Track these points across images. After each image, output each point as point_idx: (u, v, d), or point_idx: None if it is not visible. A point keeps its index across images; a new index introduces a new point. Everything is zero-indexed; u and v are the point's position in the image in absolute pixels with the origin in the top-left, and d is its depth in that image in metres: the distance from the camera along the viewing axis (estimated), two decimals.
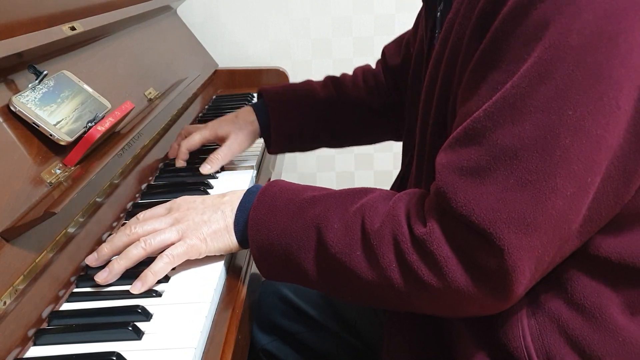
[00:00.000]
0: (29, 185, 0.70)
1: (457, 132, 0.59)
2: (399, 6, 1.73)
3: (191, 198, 0.75)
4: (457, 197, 0.57)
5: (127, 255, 0.69)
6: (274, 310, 0.96)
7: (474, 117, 0.57)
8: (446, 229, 0.58)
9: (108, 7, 1.08)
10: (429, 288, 0.60)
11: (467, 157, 0.57)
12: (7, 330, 0.59)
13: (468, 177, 0.56)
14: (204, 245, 0.70)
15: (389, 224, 0.62)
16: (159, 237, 0.70)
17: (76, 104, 0.84)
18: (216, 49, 1.71)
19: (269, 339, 0.95)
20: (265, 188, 0.71)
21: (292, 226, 0.66)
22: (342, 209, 0.65)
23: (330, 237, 0.64)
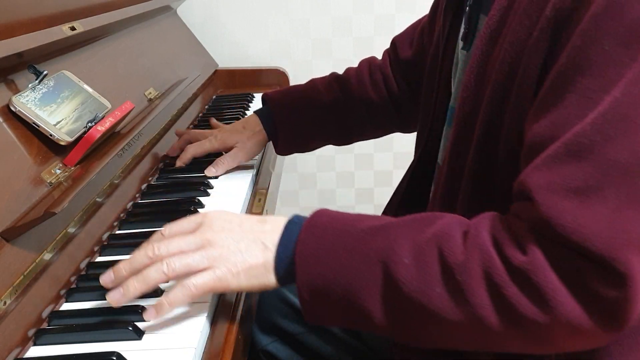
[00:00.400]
0: (29, 185, 0.70)
1: (555, 150, 0.51)
2: (399, 6, 1.73)
3: (226, 215, 0.65)
4: (565, 221, 0.50)
5: (145, 278, 0.60)
6: (275, 311, 0.95)
7: (578, 131, 0.50)
8: (552, 256, 0.51)
9: (108, 7, 1.08)
10: (531, 324, 0.52)
11: (572, 176, 0.50)
12: (7, 330, 0.59)
13: (575, 198, 0.50)
14: (235, 280, 0.61)
15: (476, 254, 0.54)
16: (184, 261, 0.60)
17: (76, 104, 0.84)
18: (216, 49, 1.71)
19: (269, 340, 0.94)
20: (312, 218, 0.61)
21: (352, 262, 0.57)
22: (411, 240, 0.56)
23: (402, 273, 0.55)
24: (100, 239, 0.80)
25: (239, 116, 1.36)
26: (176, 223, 0.65)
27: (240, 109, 1.42)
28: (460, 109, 0.65)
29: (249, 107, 1.48)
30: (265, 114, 1.08)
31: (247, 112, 1.43)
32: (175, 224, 0.65)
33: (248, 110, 1.45)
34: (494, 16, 0.61)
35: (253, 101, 1.53)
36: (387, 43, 1.76)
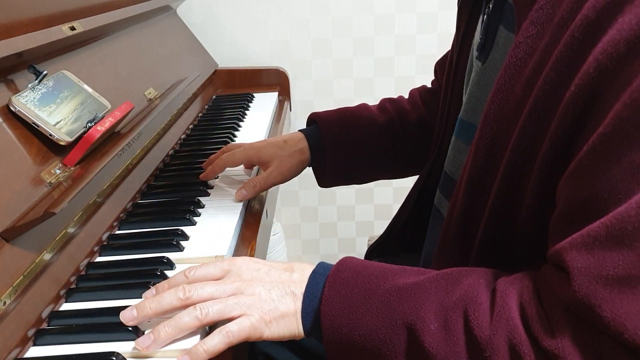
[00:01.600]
0: (29, 186, 0.70)
1: (596, 231, 0.48)
2: (399, 6, 1.73)
3: (253, 264, 0.64)
4: (603, 311, 0.46)
5: (178, 324, 0.59)
6: None
7: (621, 214, 0.46)
8: (584, 342, 0.48)
9: (108, 7, 1.08)
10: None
11: (613, 264, 0.46)
12: (7, 330, 0.59)
13: (616, 287, 0.46)
14: (268, 329, 0.60)
15: (503, 329, 0.51)
16: (218, 308, 0.59)
17: (76, 104, 0.84)
18: (216, 49, 1.71)
19: (268, 342, 0.94)
20: (334, 273, 0.60)
21: (378, 326, 0.56)
22: (437, 304, 0.55)
23: (428, 341, 0.53)
24: (100, 239, 0.80)
25: (238, 116, 1.36)
26: (201, 267, 0.64)
27: (240, 109, 1.42)
28: (480, 137, 0.61)
29: (248, 107, 1.48)
30: (312, 133, 0.96)
31: (247, 112, 1.43)
32: (201, 268, 0.63)
33: (248, 110, 1.45)
34: (521, 44, 0.56)
35: (253, 101, 1.53)
36: (387, 43, 1.77)
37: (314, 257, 2.00)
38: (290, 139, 0.96)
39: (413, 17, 1.74)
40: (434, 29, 1.75)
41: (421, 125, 0.99)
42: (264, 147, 0.94)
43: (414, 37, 1.76)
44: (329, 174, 0.97)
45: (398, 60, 1.79)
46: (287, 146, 0.94)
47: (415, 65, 1.79)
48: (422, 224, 0.89)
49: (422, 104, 1.02)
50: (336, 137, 0.95)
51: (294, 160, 0.94)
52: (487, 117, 0.60)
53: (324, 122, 0.97)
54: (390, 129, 0.98)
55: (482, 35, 0.70)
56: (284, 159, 0.93)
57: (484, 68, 0.70)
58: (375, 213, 1.95)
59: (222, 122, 1.33)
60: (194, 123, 1.33)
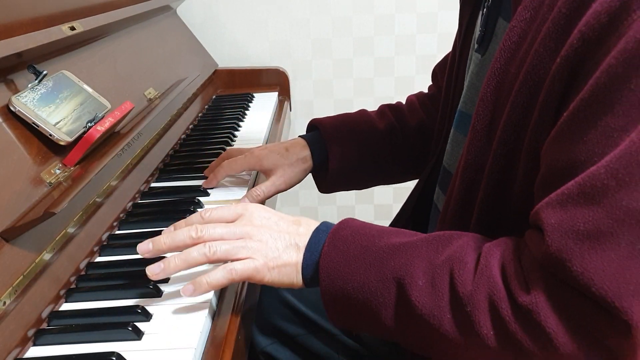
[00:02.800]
0: (29, 186, 0.70)
1: (570, 189, 0.50)
2: (399, 6, 1.73)
3: (265, 212, 0.68)
4: (573, 264, 0.49)
5: (187, 258, 0.63)
6: (274, 312, 0.95)
7: (593, 173, 0.49)
8: (556, 297, 0.51)
9: (108, 7, 1.08)
10: (534, 358, 0.53)
11: (584, 220, 0.49)
12: (7, 330, 0.59)
13: (585, 242, 0.49)
14: (269, 274, 0.64)
15: (484, 286, 0.55)
16: (226, 248, 0.64)
17: (76, 104, 0.84)
18: (216, 49, 1.71)
19: (268, 342, 0.94)
20: (336, 230, 0.65)
21: (370, 279, 0.60)
22: (427, 262, 0.58)
23: (415, 295, 0.57)
24: (100, 239, 0.80)
25: (238, 116, 1.36)
26: (217, 209, 0.68)
27: (240, 109, 1.42)
28: (477, 120, 0.63)
29: (248, 107, 1.48)
30: (314, 140, 0.96)
31: (247, 112, 1.43)
32: (216, 210, 0.68)
33: (248, 110, 1.45)
34: (515, 27, 0.59)
35: (253, 101, 1.53)
36: (387, 43, 1.77)
37: None
38: (292, 147, 0.96)
39: (413, 17, 1.74)
40: (434, 29, 1.75)
41: (420, 129, 1.00)
42: (266, 156, 0.94)
43: (414, 37, 1.76)
44: (331, 180, 0.97)
45: (398, 60, 1.79)
46: (290, 154, 0.94)
47: (415, 65, 1.79)
48: (424, 224, 0.89)
49: (420, 109, 1.02)
50: (338, 143, 0.96)
51: (297, 169, 0.94)
52: (482, 101, 0.62)
53: (326, 128, 0.97)
54: (390, 134, 0.99)
55: (481, 28, 0.71)
56: (287, 167, 0.93)
57: (483, 59, 0.71)
58: (375, 213, 1.95)
59: (222, 122, 1.33)
60: (194, 123, 1.33)
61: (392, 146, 0.99)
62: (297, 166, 0.94)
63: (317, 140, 0.96)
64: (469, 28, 0.79)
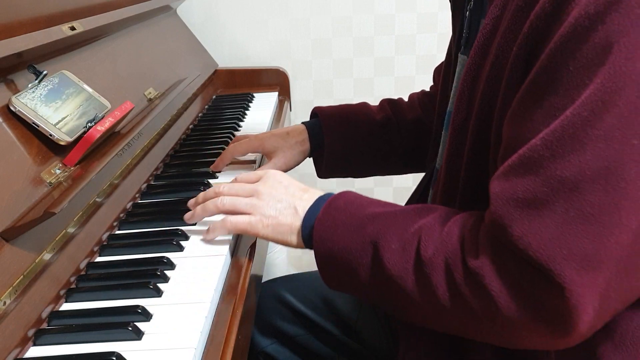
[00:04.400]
0: (29, 185, 0.70)
1: (512, 161, 0.55)
2: (399, 6, 1.73)
3: (281, 177, 0.77)
4: (513, 229, 0.53)
5: (205, 207, 0.77)
6: (274, 313, 0.95)
7: (531, 145, 0.53)
8: (500, 261, 0.55)
9: (108, 7, 1.08)
10: (483, 321, 0.57)
11: (523, 188, 0.53)
12: (7, 330, 0.59)
13: (524, 209, 0.53)
14: (263, 230, 0.72)
15: (443, 251, 0.59)
16: (232, 202, 0.75)
17: (76, 103, 0.84)
18: (216, 49, 1.71)
19: (268, 342, 0.94)
20: (332, 200, 0.71)
21: (352, 242, 0.66)
22: (402, 229, 0.63)
23: (387, 257, 0.62)
24: (100, 239, 0.80)
25: (239, 116, 1.36)
26: (245, 173, 0.81)
27: (240, 109, 1.42)
28: (455, 116, 0.69)
29: (248, 107, 1.48)
30: (312, 126, 1.03)
31: (247, 112, 1.43)
32: (244, 174, 0.80)
33: (248, 110, 1.45)
34: (487, 25, 0.63)
35: (253, 101, 1.53)
36: (387, 43, 1.77)
37: None
38: (293, 131, 1.02)
39: (413, 17, 1.74)
40: (434, 29, 1.75)
41: (417, 125, 1.03)
42: (268, 138, 1.01)
43: (414, 37, 1.76)
44: (326, 164, 1.03)
45: (398, 60, 1.79)
46: (290, 137, 1.01)
47: (415, 65, 1.79)
48: None
49: (419, 106, 1.05)
50: (335, 130, 1.01)
51: (295, 151, 1.01)
52: (460, 98, 0.67)
53: (324, 115, 1.03)
54: (387, 125, 1.03)
55: (466, 31, 0.75)
56: (286, 149, 1.00)
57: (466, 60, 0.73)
58: None
59: (222, 122, 1.33)
60: (194, 123, 1.33)
61: (387, 137, 1.03)
62: (296, 148, 1.01)
63: (316, 126, 1.02)
64: (461, 31, 0.81)
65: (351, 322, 0.95)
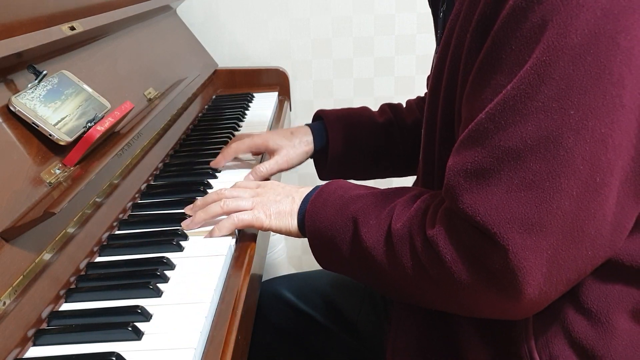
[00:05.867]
0: (29, 185, 0.70)
1: (463, 136, 0.59)
2: (399, 6, 1.73)
3: (278, 183, 0.84)
4: (463, 198, 0.57)
5: (208, 210, 0.80)
6: (274, 311, 0.96)
7: (477, 120, 0.57)
8: (452, 229, 0.59)
9: (108, 7, 1.08)
10: (441, 287, 0.61)
11: (471, 160, 0.57)
12: (7, 330, 0.59)
13: (473, 179, 0.57)
14: (268, 220, 0.78)
15: (408, 223, 0.64)
16: (236, 202, 0.79)
17: (76, 104, 0.84)
18: (216, 49, 1.71)
19: (268, 341, 0.94)
20: (325, 185, 0.77)
21: (337, 219, 0.71)
22: (380, 207, 0.69)
23: (364, 231, 0.68)
24: (100, 239, 0.80)
25: (238, 116, 1.36)
26: (244, 180, 0.87)
27: (240, 109, 1.42)
28: (427, 114, 0.74)
29: (248, 107, 1.48)
30: (317, 128, 1.04)
31: (247, 112, 1.43)
32: (243, 181, 0.86)
33: (248, 110, 1.45)
34: (451, 20, 0.67)
35: (253, 101, 1.53)
36: (386, 43, 1.77)
37: None
38: (297, 131, 1.04)
39: (413, 17, 1.74)
40: None
41: (416, 128, 1.04)
42: (272, 137, 1.03)
43: (414, 37, 1.76)
44: (329, 166, 1.04)
45: (398, 60, 1.79)
46: (294, 137, 1.03)
47: (415, 65, 1.79)
48: None
49: (416, 109, 1.07)
50: (339, 132, 1.03)
51: (299, 150, 1.02)
52: (432, 92, 0.72)
53: (329, 118, 1.04)
54: (388, 128, 1.04)
55: (440, 31, 0.78)
56: (290, 148, 1.02)
57: None
58: None
59: (222, 122, 1.33)
60: (194, 123, 1.33)
61: (389, 140, 1.05)
62: (299, 148, 1.02)
63: (320, 128, 1.04)
64: None
65: (352, 320, 0.95)
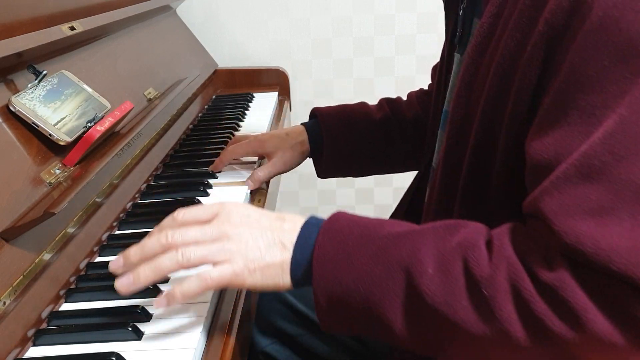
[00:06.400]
0: (29, 185, 0.70)
1: (565, 172, 0.50)
2: (399, 6, 1.73)
3: (244, 209, 0.62)
4: (585, 245, 0.48)
5: (158, 266, 0.58)
6: (274, 312, 0.95)
7: (585, 151, 0.49)
8: (579, 275, 0.50)
9: (108, 7, 1.08)
10: (560, 340, 0.51)
11: (585, 198, 0.49)
12: (7, 330, 0.59)
13: (591, 220, 0.49)
14: (251, 278, 0.58)
15: (503, 267, 0.52)
16: (200, 252, 0.58)
17: (76, 103, 0.84)
18: (216, 49, 1.71)
19: (268, 342, 0.94)
20: (330, 222, 0.59)
21: (373, 270, 0.55)
22: (435, 248, 0.55)
23: (425, 283, 0.53)
24: (100, 239, 0.80)
25: (238, 116, 1.36)
26: (190, 209, 0.61)
27: (240, 109, 1.42)
28: (453, 115, 0.65)
29: (248, 107, 1.48)
30: (312, 127, 1.02)
31: (247, 112, 1.43)
32: (190, 210, 0.61)
33: (248, 110, 1.45)
34: (484, 23, 0.61)
35: (253, 101, 1.53)
36: (386, 43, 1.77)
37: None
38: (292, 132, 1.02)
39: (413, 17, 1.74)
40: (434, 28, 1.75)
41: (416, 123, 1.03)
42: (268, 139, 1.00)
43: (414, 37, 1.76)
44: (326, 164, 1.02)
45: (398, 60, 1.79)
46: (289, 138, 1.00)
47: (415, 65, 1.79)
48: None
49: (417, 104, 1.05)
50: (334, 129, 1.01)
51: (295, 152, 1.00)
52: (457, 96, 0.64)
53: (323, 115, 1.02)
54: (386, 124, 1.03)
55: (459, 29, 0.74)
56: (286, 150, 0.99)
57: (462, 59, 0.73)
58: (375, 213, 1.95)
59: (222, 122, 1.33)
60: (193, 123, 1.33)
61: (386, 136, 1.02)
62: (296, 149, 1.00)
63: (315, 126, 1.02)
64: (454, 30, 0.81)
65: None
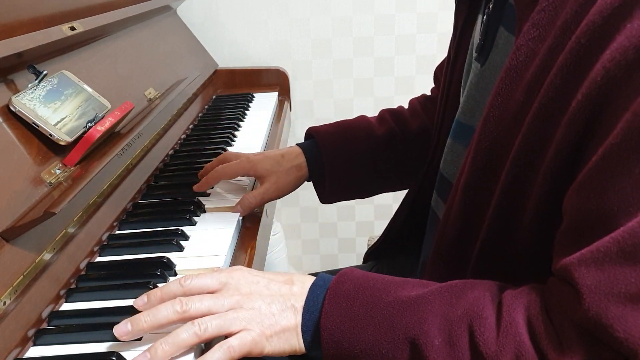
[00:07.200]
0: (29, 185, 0.70)
1: (606, 246, 0.46)
2: (399, 6, 1.73)
3: (252, 277, 0.62)
4: (615, 329, 0.45)
5: (176, 340, 0.56)
6: None
7: (631, 228, 0.45)
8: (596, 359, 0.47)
9: (108, 7, 1.08)
10: None
11: (625, 281, 0.45)
12: (7, 330, 0.59)
13: (628, 305, 0.45)
14: (269, 344, 0.58)
15: (511, 346, 0.50)
16: (218, 323, 0.57)
17: (76, 104, 0.84)
18: (216, 49, 1.71)
19: None
20: (335, 285, 0.59)
21: (380, 341, 0.55)
22: (441, 318, 0.53)
23: (432, 356, 0.52)
24: (100, 239, 0.80)
25: (239, 116, 1.36)
26: (197, 277, 0.61)
27: (240, 109, 1.42)
28: (480, 142, 0.59)
29: (248, 107, 1.48)
30: (309, 149, 0.93)
31: (247, 112, 1.43)
32: (197, 278, 0.61)
33: (248, 110, 1.45)
34: (522, 47, 0.55)
35: (253, 101, 1.53)
36: (387, 43, 1.77)
37: (314, 257, 2.00)
38: (288, 154, 0.93)
39: (413, 17, 1.74)
40: (434, 29, 1.75)
41: (422, 133, 0.97)
42: (261, 161, 0.91)
43: (414, 37, 1.76)
44: (329, 189, 0.95)
45: (398, 60, 1.79)
46: (285, 161, 0.92)
47: (415, 65, 1.79)
48: (420, 226, 0.88)
49: (422, 112, 1.00)
50: (334, 151, 0.93)
51: (290, 177, 0.92)
52: (486, 121, 0.58)
53: (321, 136, 0.94)
54: (390, 139, 0.96)
55: (481, 36, 0.68)
56: (280, 174, 0.91)
57: (483, 70, 0.69)
58: (375, 213, 1.95)
59: (222, 122, 1.33)
60: (194, 123, 1.33)
61: (391, 152, 0.96)
62: (291, 174, 0.92)
63: (313, 148, 0.94)
64: (464, 30, 0.77)
65: None
